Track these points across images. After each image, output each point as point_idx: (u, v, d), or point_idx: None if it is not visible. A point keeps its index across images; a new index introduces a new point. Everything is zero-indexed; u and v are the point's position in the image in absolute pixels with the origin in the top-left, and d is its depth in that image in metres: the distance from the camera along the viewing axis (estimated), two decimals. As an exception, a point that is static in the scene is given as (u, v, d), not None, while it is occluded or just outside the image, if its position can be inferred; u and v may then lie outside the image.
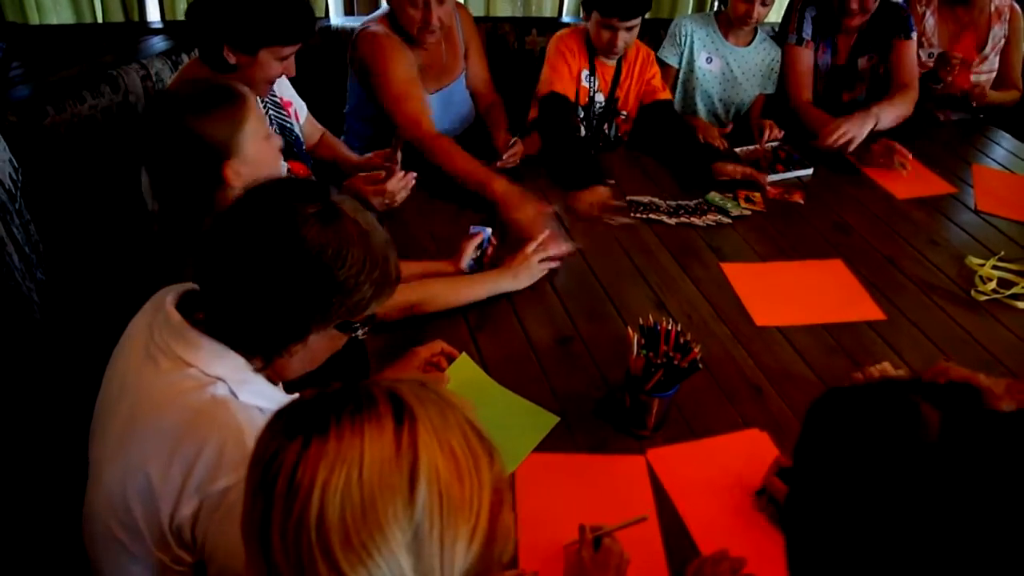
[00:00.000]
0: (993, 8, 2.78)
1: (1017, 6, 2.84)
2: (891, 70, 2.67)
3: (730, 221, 2.15)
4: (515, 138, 2.31)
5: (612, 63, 2.48)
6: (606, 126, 2.57)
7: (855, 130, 2.39)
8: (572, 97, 2.43)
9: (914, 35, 2.63)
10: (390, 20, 2.25)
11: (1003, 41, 2.82)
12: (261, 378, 1.09)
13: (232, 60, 1.76)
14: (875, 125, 2.44)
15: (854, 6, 2.50)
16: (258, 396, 1.07)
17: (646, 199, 2.21)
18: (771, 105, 2.73)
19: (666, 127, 2.46)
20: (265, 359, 1.09)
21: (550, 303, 1.78)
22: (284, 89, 2.07)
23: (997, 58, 2.83)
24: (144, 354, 1.08)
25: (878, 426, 0.77)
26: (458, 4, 2.45)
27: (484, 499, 0.72)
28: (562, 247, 1.89)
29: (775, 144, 2.52)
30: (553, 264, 1.85)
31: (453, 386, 1.49)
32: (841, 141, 2.38)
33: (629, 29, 2.33)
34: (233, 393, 1.04)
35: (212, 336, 1.06)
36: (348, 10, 2.85)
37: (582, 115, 2.50)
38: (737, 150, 2.48)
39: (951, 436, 0.74)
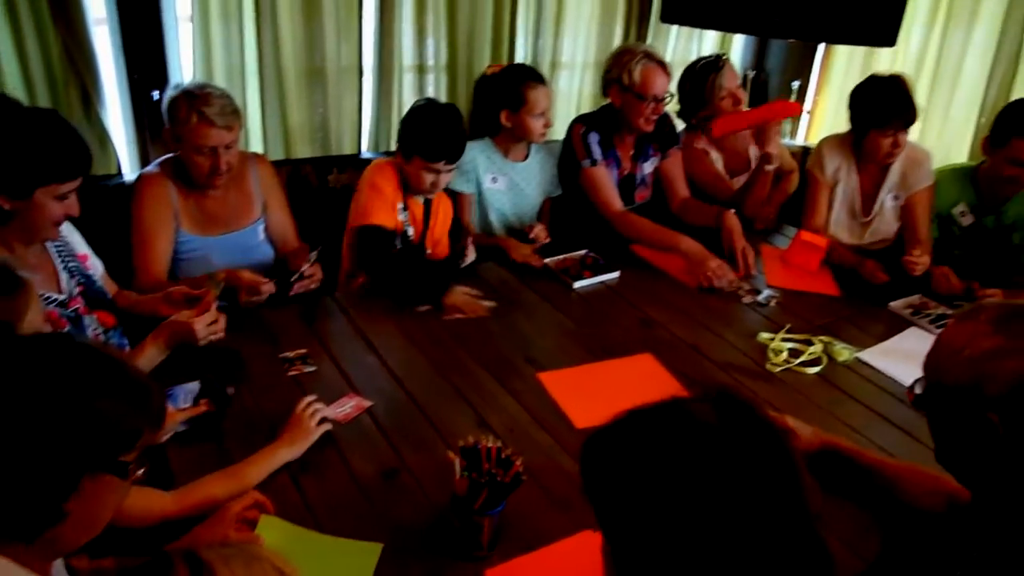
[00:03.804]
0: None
1: None
2: (670, 181, 2.98)
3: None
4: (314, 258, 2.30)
5: (422, 201, 2.57)
6: None
7: (728, 272, 2.56)
8: (388, 223, 2.47)
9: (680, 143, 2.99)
10: (174, 163, 2.28)
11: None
12: None
13: (7, 207, 1.69)
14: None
15: (650, 113, 2.74)
16: None
17: None
18: (565, 210, 2.93)
19: None
20: (31, 533, 0.98)
21: (373, 437, 1.77)
22: (79, 244, 2.02)
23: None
24: None
25: (661, 430, 0.86)
26: (258, 156, 2.49)
27: None
28: (341, 410, 1.83)
29: (581, 253, 2.68)
30: (329, 426, 1.73)
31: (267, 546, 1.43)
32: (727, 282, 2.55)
33: (449, 171, 2.45)
34: None
35: None
36: (144, 165, 2.81)
37: (399, 245, 2.55)
38: (547, 261, 2.62)
39: (727, 415, 0.84)
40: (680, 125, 3.18)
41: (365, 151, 3.08)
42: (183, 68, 2.71)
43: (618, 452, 0.88)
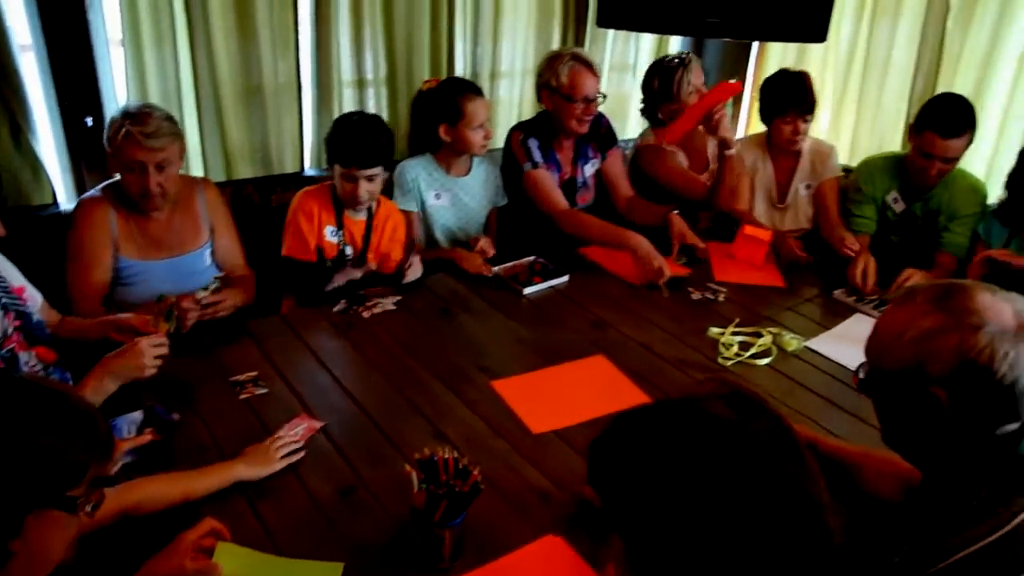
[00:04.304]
0: (701, 128, 3.12)
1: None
2: (612, 181, 3.04)
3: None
4: (214, 287, 2.26)
5: (361, 217, 2.55)
6: None
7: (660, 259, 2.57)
8: (310, 255, 2.50)
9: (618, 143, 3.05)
10: (116, 187, 2.24)
11: (717, 149, 3.14)
12: None
13: None
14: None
15: (581, 114, 2.78)
16: None
17: None
18: (512, 217, 2.94)
19: None
20: None
21: (329, 455, 1.75)
22: (14, 277, 1.96)
23: (717, 166, 3.17)
24: None
25: (682, 429, 0.86)
26: (205, 181, 2.46)
27: None
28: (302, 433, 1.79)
29: (530, 259, 2.70)
30: (295, 458, 1.71)
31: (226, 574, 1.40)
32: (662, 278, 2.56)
33: (370, 179, 2.41)
34: None
35: None
36: (80, 193, 2.74)
37: (331, 266, 2.53)
38: (496, 269, 2.62)
39: (742, 411, 0.86)
40: (637, 127, 3.23)
41: (308, 168, 3.06)
42: (116, 93, 2.66)
43: (638, 451, 0.88)
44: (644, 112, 3.15)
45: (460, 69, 3.23)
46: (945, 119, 2.53)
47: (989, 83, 3.17)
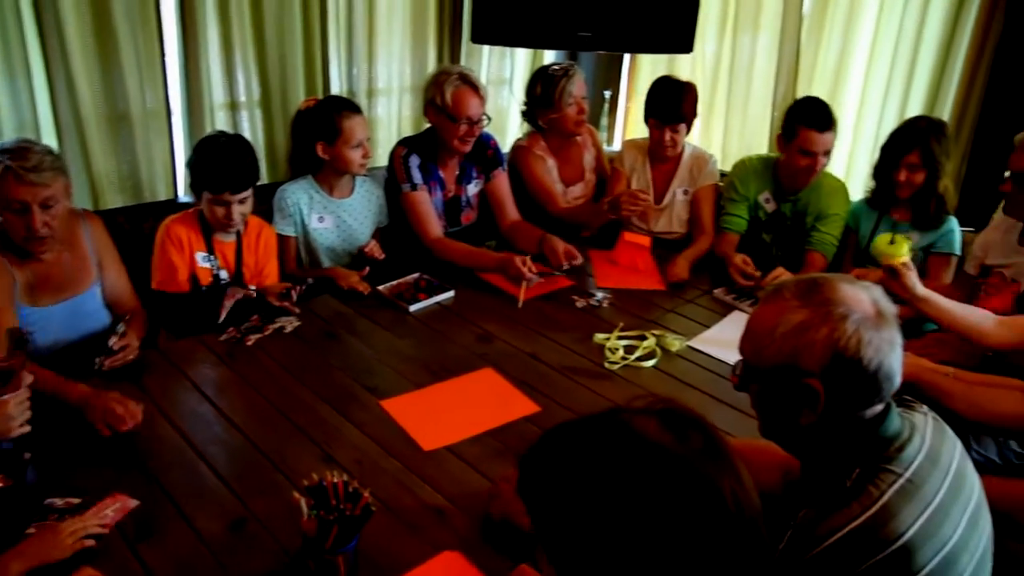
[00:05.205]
0: (579, 139, 3.24)
1: (593, 128, 3.36)
2: (498, 203, 3.03)
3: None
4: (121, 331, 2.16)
5: (231, 239, 2.50)
6: None
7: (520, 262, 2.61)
8: (183, 286, 2.43)
9: (504, 165, 3.04)
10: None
11: (595, 161, 3.31)
12: None
13: None
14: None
15: (464, 135, 2.77)
16: None
17: None
18: (395, 234, 2.94)
19: None
20: None
21: (214, 489, 1.69)
22: None
23: (594, 177, 3.30)
24: None
25: (612, 448, 0.88)
26: (87, 213, 2.33)
27: None
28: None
29: (415, 276, 2.69)
30: (87, 544, 1.48)
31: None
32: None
33: (242, 201, 2.37)
34: None
35: None
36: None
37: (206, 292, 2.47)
38: (380, 288, 2.60)
39: (675, 428, 0.88)
40: (513, 135, 3.25)
41: (182, 195, 2.96)
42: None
43: (565, 473, 0.89)
44: (525, 115, 3.19)
45: (336, 88, 3.21)
46: (817, 115, 2.71)
47: (842, 87, 3.38)
